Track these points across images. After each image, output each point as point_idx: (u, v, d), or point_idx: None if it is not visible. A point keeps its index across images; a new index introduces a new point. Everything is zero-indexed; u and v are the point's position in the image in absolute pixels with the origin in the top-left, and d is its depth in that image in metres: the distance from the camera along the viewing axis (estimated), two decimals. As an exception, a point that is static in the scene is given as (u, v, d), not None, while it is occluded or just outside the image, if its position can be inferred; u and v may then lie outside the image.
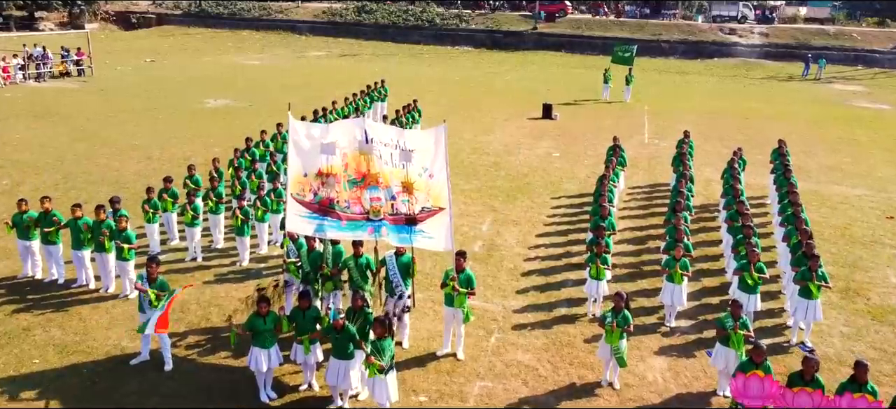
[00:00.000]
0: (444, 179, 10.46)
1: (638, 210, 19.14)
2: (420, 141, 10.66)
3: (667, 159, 24.64)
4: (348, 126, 10.89)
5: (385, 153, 10.55)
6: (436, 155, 10.52)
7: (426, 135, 10.88)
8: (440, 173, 10.48)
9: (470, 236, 16.66)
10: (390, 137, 10.58)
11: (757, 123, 32.10)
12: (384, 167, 10.61)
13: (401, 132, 10.76)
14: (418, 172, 10.50)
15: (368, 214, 10.82)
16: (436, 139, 10.56)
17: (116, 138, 25.50)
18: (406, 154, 10.47)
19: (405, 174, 10.53)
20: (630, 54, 39.99)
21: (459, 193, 19.94)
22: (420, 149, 10.51)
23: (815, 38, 56.89)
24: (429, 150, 10.53)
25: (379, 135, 10.60)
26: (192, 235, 14.69)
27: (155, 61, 47.72)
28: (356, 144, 10.63)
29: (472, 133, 27.90)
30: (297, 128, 10.96)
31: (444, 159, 10.51)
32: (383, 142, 10.53)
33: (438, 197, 10.52)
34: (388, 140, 10.55)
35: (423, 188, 10.54)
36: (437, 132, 10.63)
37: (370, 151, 10.60)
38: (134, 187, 19.60)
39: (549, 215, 18.52)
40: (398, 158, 10.50)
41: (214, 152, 23.53)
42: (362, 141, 10.59)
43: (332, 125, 11.00)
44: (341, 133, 10.70)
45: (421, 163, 10.50)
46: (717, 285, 14.39)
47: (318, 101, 32.56)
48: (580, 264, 15.03)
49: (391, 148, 10.52)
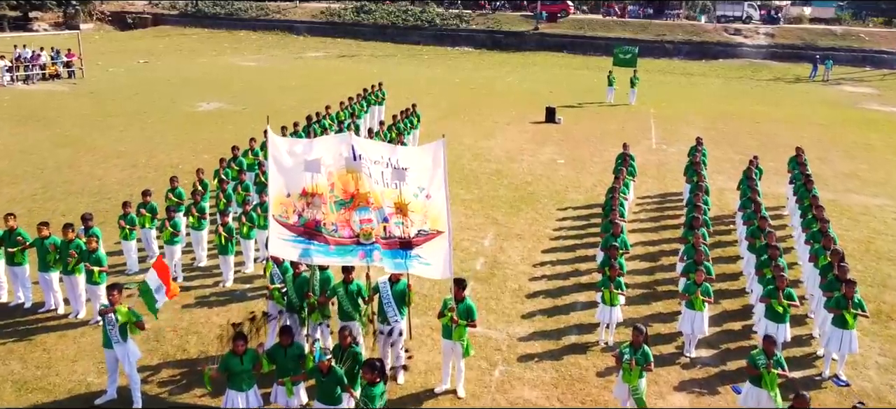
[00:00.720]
0: (443, 201, 9.40)
1: (649, 223, 18.08)
2: (415, 158, 9.60)
3: (676, 166, 23.67)
4: (333, 142, 9.82)
5: (375, 172, 9.49)
6: (433, 174, 9.46)
7: (422, 152, 9.81)
8: (438, 194, 9.42)
9: (471, 252, 15.60)
10: (381, 154, 9.51)
11: (767, 126, 31.04)
12: (375, 187, 9.55)
13: (393, 149, 9.68)
14: (413, 193, 9.44)
15: (359, 237, 9.76)
16: (433, 156, 9.49)
17: (102, 144, 24.45)
18: (399, 173, 9.41)
19: (398, 194, 9.47)
20: (631, 56, 38.99)
21: (460, 204, 18.90)
22: (415, 167, 9.44)
23: (822, 39, 55.78)
24: (425, 168, 9.46)
25: (368, 152, 9.53)
26: (172, 253, 13.63)
27: (148, 62, 46.69)
28: (342, 162, 9.57)
29: (472, 138, 26.85)
30: (277, 143, 9.90)
31: (443, 178, 9.45)
32: (373, 159, 9.48)
33: (436, 220, 9.46)
34: (379, 157, 9.48)
35: (420, 210, 9.48)
36: (434, 149, 9.57)
37: (358, 168, 9.54)
38: (116, 198, 18.50)
39: (554, 227, 17.46)
40: (390, 177, 9.44)
41: (203, 159, 22.56)
42: (349, 158, 9.53)
43: (315, 141, 9.92)
44: (326, 149, 9.64)
45: (416, 182, 9.43)
46: (739, 307, 13.33)
47: (314, 103, 31.52)
48: (590, 285, 13.98)
49: (382, 166, 9.46)
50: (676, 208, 19.25)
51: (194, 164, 21.87)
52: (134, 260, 14.04)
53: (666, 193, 20.65)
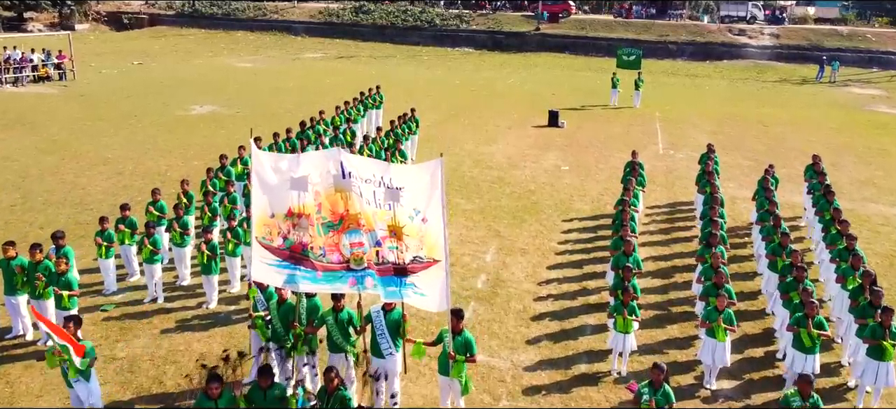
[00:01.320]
0: (441, 226, 8.50)
1: (659, 235, 17.17)
2: (410, 177, 8.69)
3: (685, 173, 22.79)
4: (321, 158, 8.90)
5: (366, 191, 8.59)
6: (430, 195, 8.56)
7: (419, 170, 8.88)
8: (435, 218, 8.52)
9: (472, 269, 14.70)
10: (372, 172, 8.61)
11: (776, 130, 30.14)
12: (366, 207, 8.66)
13: (385, 166, 8.76)
14: (408, 215, 8.54)
15: (349, 262, 8.86)
16: (431, 176, 8.59)
17: (88, 150, 23.54)
18: (393, 193, 8.51)
19: (392, 216, 8.58)
20: (635, 58, 38.06)
21: (460, 215, 18.01)
22: (411, 187, 8.54)
23: (828, 40, 54.86)
24: (422, 189, 8.56)
25: (359, 169, 8.63)
26: (152, 272, 12.74)
27: (143, 64, 45.76)
28: (330, 180, 8.67)
29: (473, 143, 25.94)
30: (261, 159, 8.99)
31: (441, 201, 8.54)
32: (364, 178, 8.57)
33: (433, 247, 8.56)
34: (370, 176, 8.58)
35: (415, 234, 8.58)
36: (432, 168, 8.66)
37: (348, 187, 8.64)
38: (99, 209, 17.61)
39: (560, 241, 16.55)
40: (383, 197, 8.54)
41: (193, 166, 21.69)
42: (338, 176, 8.62)
43: (302, 156, 8.99)
44: (313, 166, 8.74)
45: (412, 204, 8.53)
46: (760, 331, 12.43)
47: (310, 106, 30.62)
48: (599, 306, 13.08)
49: (374, 185, 8.55)
50: (688, 219, 18.35)
51: (183, 171, 21.02)
52: (112, 280, 13.14)
53: (676, 203, 19.74)
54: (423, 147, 24.39)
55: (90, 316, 12.16)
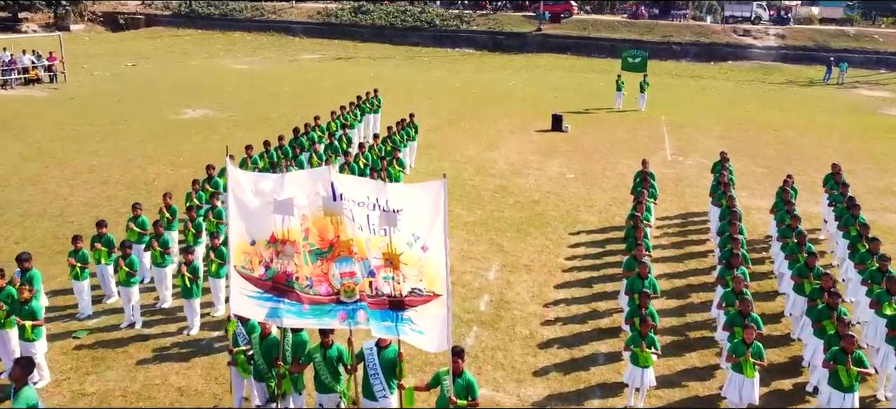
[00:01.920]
0: (443, 256, 7.57)
1: (671, 250, 16.23)
2: (410, 199, 7.73)
3: (696, 181, 21.89)
4: (308, 179, 7.97)
5: (359, 215, 7.67)
6: (432, 220, 7.62)
7: (419, 192, 7.90)
8: (437, 247, 7.59)
9: (474, 288, 13.76)
10: (366, 195, 7.67)
11: (787, 135, 29.22)
12: (359, 233, 7.73)
13: (381, 187, 7.81)
14: (407, 241, 7.61)
15: (339, 294, 7.94)
16: (433, 199, 7.64)
17: (73, 157, 22.60)
18: (389, 217, 7.58)
19: (388, 243, 7.65)
20: (641, 60, 37.12)
21: (462, 227, 17.08)
22: (410, 210, 7.60)
23: (835, 40, 53.95)
24: (422, 212, 7.63)
25: (351, 191, 7.70)
26: (128, 296, 11.81)
27: (137, 65, 44.82)
28: (319, 203, 7.75)
29: (474, 149, 25.01)
30: (239, 179, 8.05)
31: (444, 229, 7.60)
32: (356, 200, 7.65)
33: (433, 279, 7.63)
34: (364, 198, 7.65)
35: (414, 263, 7.65)
36: (434, 190, 7.71)
37: (339, 211, 7.72)
38: (80, 222, 16.73)
39: (567, 256, 15.61)
40: (378, 221, 7.61)
41: (182, 175, 20.76)
42: (328, 198, 7.70)
43: (287, 177, 8.03)
44: (299, 187, 7.81)
45: (411, 229, 7.61)
46: (786, 360, 11.50)
47: (306, 110, 29.72)
48: (611, 330, 12.17)
49: (367, 208, 7.63)
50: (701, 232, 17.42)
51: (171, 180, 20.13)
52: (87, 303, 12.20)
53: (687, 214, 18.81)
54: (423, 153, 23.49)
55: (61, 344, 11.24)
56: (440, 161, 23.27)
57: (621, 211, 18.74)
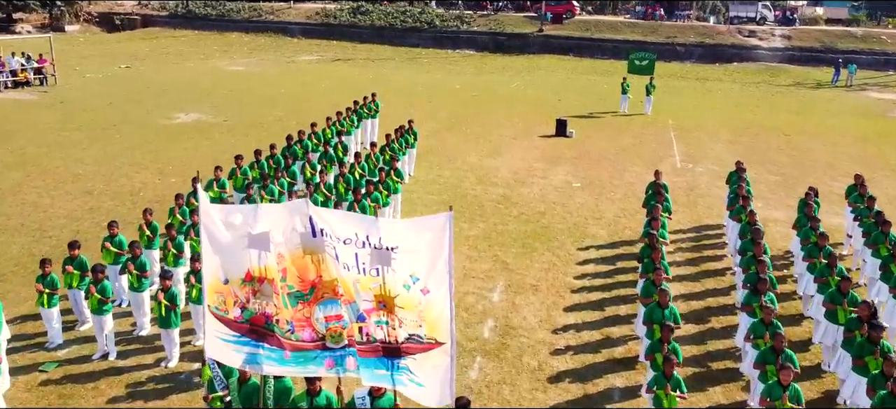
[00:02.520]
0: (447, 300, 6.60)
1: (687, 267, 15.26)
2: (408, 235, 6.73)
3: (708, 190, 20.96)
4: (284, 212, 6.99)
5: (345, 253, 6.70)
6: (435, 259, 6.62)
7: (419, 227, 6.90)
8: (440, 289, 6.61)
9: (477, 312, 12.80)
10: (354, 231, 6.69)
11: (799, 140, 28.26)
12: (344, 273, 6.76)
13: (371, 223, 6.80)
14: (403, 282, 6.64)
15: (325, 340, 6.98)
16: (437, 235, 6.61)
17: (58, 165, 21.64)
18: (381, 255, 6.60)
19: (381, 284, 6.68)
20: (648, 62, 36.17)
21: (464, 242, 16.11)
22: (407, 247, 6.61)
23: (842, 41, 53.00)
24: (422, 250, 6.63)
25: (334, 227, 6.71)
26: (101, 325, 10.85)
27: (130, 67, 43.84)
28: (297, 240, 6.78)
29: (476, 156, 24.04)
30: (209, 211, 7.08)
31: (448, 268, 6.60)
32: (341, 237, 6.68)
33: (435, 326, 6.67)
34: (350, 235, 6.67)
35: (412, 307, 6.69)
36: (438, 225, 6.68)
37: (320, 248, 6.75)
38: (59, 237, 15.77)
39: (576, 275, 14.65)
40: (370, 260, 6.64)
41: (170, 184, 19.79)
42: (306, 234, 6.74)
43: (261, 208, 7.03)
44: (275, 221, 6.84)
45: (408, 268, 6.63)
46: (819, 396, 10.53)
47: (303, 114, 28.74)
48: (627, 361, 11.22)
49: (354, 246, 6.66)
50: (717, 247, 16.46)
51: (158, 190, 19.20)
52: (56, 331, 11.25)
53: (701, 226, 17.84)
54: (422, 160, 22.54)
55: (26, 379, 10.30)
56: (440, 169, 22.31)
57: (631, 223, 17.81)
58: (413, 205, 18.53)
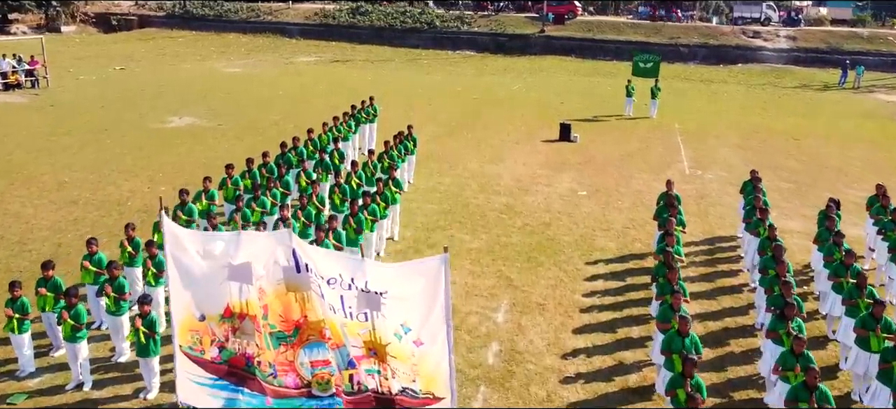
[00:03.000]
0: (446, 353, 5.83)
1: (701, 283, 14.45)
2: (397, 281, 5.96)
3: (719, 198, 20.19)
4: (266, 243, 6.24)
5: (331, 295, 5.94)
6: (429, 308, 5.86)
7: (409, 272, 6.15)
8: (436, 341, 5.85)
9: (481, 335, 12.00)
10: (339, 272, 5.93)
11: (809, 145, 27.45)
12: (331, 315, 5.97)
13: (357, 265, 6.00)
14: (394, 331, 5.87)
15: (310, 386, 6.21)
16: (430, 281, 5.85)
17: (44, 172, 20.86)
18: (370, 298, 5.84)
19: (370, 330, 5.91)
20: (653, 65, 35.31)
21: (465, 256, 15.35)
22: (398, 294, 5.85)
23: (848, 42, 52.24)
24: (414, 298, 5.85)
25: (319, 264, 5.95)
26: (75, 352, 10.05)
27: (126, 69, 43.04)
28: (279, 274, 6.04)
29: (477, 162, 23.24)
30: (180, 238, 6.34)
31: (446, 317, 5.83)
32: (325, 276, 5.91)
33: (432, 380, 5.91)
34: (335, 275, 5.91)
35: (405, 358, 5.93)
36: (431, 269, 5.93)
37: (305, 285, 5.98)
38: (39, 251, 14.99)
39: (584, 292, 13.85)
40: (357, 304, 5.88)
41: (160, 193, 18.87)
42: (290, 268, 5.98)
43: (242, 236, 6.27)
44: (256, 252, 6.08)
45: (399, 317, 5.86)
46: (851, 430, 9.75)
47: (300, 118, 27.96)
48: (643, 390, 10.43)
49: (340, 287, 5.90)
50: (731, 260, 15.67)
51: (146, 200, 18.43)
52: (28, 359, 10.45)
53: (714, 238, 17.04)
54: (422, 167, 21.77)
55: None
56: (441, 176, 21.52)
57: (641, 235, 17.03)
58: (412, 215, 17.75)
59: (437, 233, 16.68)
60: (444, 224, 17.29)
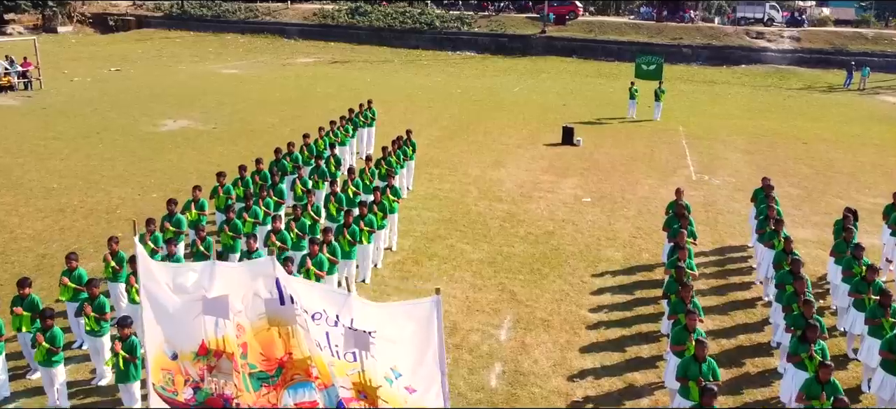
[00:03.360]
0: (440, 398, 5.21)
1: (712, 296, 13.83)
2: (385, 322, 5.33)
3: (727, 206, 19.58)
4: (246, 273, 5.64)
5: (316, 331, 5.33)
6: (421, 353, 5.25)
7: (399, 314, 5.48)
8: (431, 389, 5.24)
9: (483, 354, 11.39)
10: (324, 306, 5.33)
11: (818, 149, 26.82)
12: (318, 352, 5.36)
13: (343, 300, 5.39)
14: (384, 375, 5.26)
15: (297, 432, 5.57)
16: (421, 326, 5.23)
17: (32, 178, 20.26)
18: (358, 337, 5.25)
19: (359, 372, 5.31)
20: (656, 67, 34.70)
21: (466, 267, 14.76)
22: (386, 337, 5.25)
23: (852, 43, 51.59)
24: (405, 342, 5.25)
25: (304, 297, 5.34)
26: (50, 377, 9.43)
27: (121, 70, 42.44)
28: (261, 307, 5.44)
29: (478, 168, 22.63)
30: (151, 270, 5.73)
31: (439, 361, 5.21)
32: (310, 310, 5.31)
33: (428, 430, 5.27)
34: (320, 309, 5.31)
35: (397, 402, 5.31)
36: (422, 312, 5.29)
37: (289, 318, 5.37)
38: (22, 264, 14.40)
39: (591, 307, 13.23)
40: (343, 342, 5.29)
41: (150, 200, 18.44)
42: (273, 300, 5.37)
43: (218, 267, 5.66)
44: (233, 284, 5.47)
45: (389, 360, 5.27)
46: (880, 462, 9.13)
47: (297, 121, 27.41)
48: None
49: (325, 324, 5.30)
50: (743, 272, 15.07)
51: (137, 207, 17.84)
52: (2, 382, 9.82)
53: (724, 248, 16.43)
54: (422, 172, 21.21)
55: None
56: (441, 182, 20.92)
57: (648, 244, 16.43)
58: (411, 223, 17.15)
59: (437, 243, 16.07)
60: (444, 233, 16.68)
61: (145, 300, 5.63)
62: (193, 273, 5.61)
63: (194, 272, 5.62)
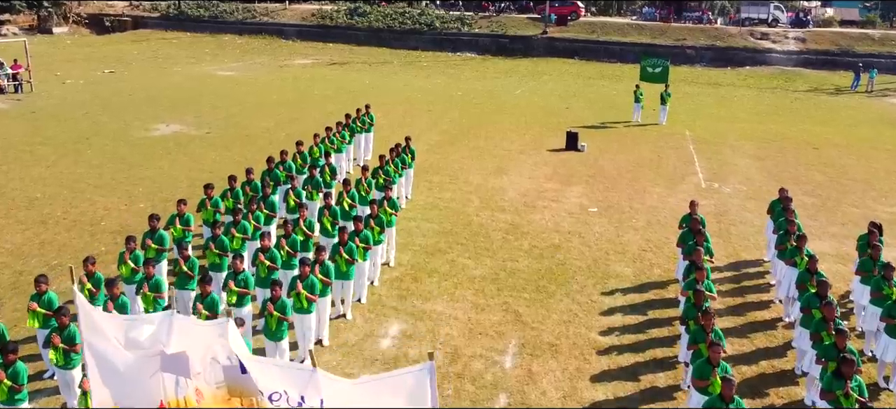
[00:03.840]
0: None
1: (730, 317, 13.01)
2: (365, 399, 4.48)
3: (739, 216, 18.78)
4: (206, 333, 4.82)
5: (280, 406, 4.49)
6: None
7: (382, 390, 4.58)
8: None
9: (486, 384, 10.57)
10: (282, 385, 4.48)
11: (830, 155, 26.00)
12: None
13: (307, 378, 4.47)
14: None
15: None
16: (412, 401, 4.37)
17: (14, 187, 19.45)
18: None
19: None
20: (662, 70, 33.85)
21: (467, 285, 13.94)
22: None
23: (859, 45, 50.81)
24: None
25: (261, 375, 4.48)
26: (14, 416, 8.63)
27: (115, 72, 41.59)
28: (220, 374, 4.66)
29: (480, 175, 21.81)
30: (96, 323, 4.92)
31: None
32: (266, 390, 4.46)
33: None
34: (278, 389, 4.45)
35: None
36: (409, 387, 4.42)
37: (253, 389, 4.57)
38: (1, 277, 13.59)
39: (601, 330, 12.42)
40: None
41: (137, 211, 17.63)
42: (233, 368, 4.59)
43: (176, 320, 4.83)
44: (191, 342, 4.67)
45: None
46: None
47: (294, 125, 26.65)
48: (674, 458, 9.00)
49: (287, 403, 4.43)
50: (760, 289, 14.25)
51: (122, 219, 17.04)
52: (-39, 421, 9.03)
53: (739, 262, 15.62)
54: (422, 180, 20.43)
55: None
56: (441, 190, 20.12)
57: (659, 258, 15.62)
58: (410, 235, 16.35)
59: (437, 257, 15.25)
60: (445, 247, 15.87)
61: (90, 358, 4.82)
62: (149, 326, 4.81)
63: (150, 325, 4.82)
